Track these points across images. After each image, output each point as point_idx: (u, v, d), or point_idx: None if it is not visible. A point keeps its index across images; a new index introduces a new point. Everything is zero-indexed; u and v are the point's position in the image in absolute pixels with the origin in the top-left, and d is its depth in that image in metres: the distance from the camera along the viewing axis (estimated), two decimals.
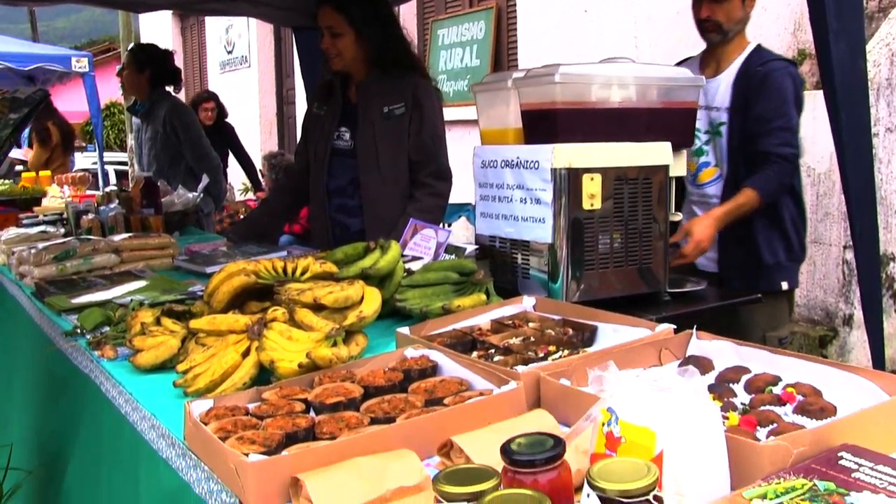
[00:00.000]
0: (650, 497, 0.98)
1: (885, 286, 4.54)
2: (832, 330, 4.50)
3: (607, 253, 2.37)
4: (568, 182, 2.29)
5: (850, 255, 3.99)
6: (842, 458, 1.15)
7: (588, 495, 1.00)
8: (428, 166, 3.18)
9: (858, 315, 4.22)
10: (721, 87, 3.07)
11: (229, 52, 12.47)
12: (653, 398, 1.11)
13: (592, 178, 2.32)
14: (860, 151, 3.18)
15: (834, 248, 4.46)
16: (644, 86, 2.50)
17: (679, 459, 1.08)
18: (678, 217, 2.68)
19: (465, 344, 1.81)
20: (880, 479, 1.08)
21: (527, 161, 2.38)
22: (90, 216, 3.73)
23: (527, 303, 2.05)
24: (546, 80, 2.37)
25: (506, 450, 1.09)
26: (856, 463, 1.13)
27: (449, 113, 5.96)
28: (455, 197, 3.83)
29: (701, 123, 3.02)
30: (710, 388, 1.48)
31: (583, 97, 2.41)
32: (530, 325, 1.89)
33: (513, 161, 2.44)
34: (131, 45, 5.96)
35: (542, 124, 2.43)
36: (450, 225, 6.15)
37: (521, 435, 1.12)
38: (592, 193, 2.33)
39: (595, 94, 2.42)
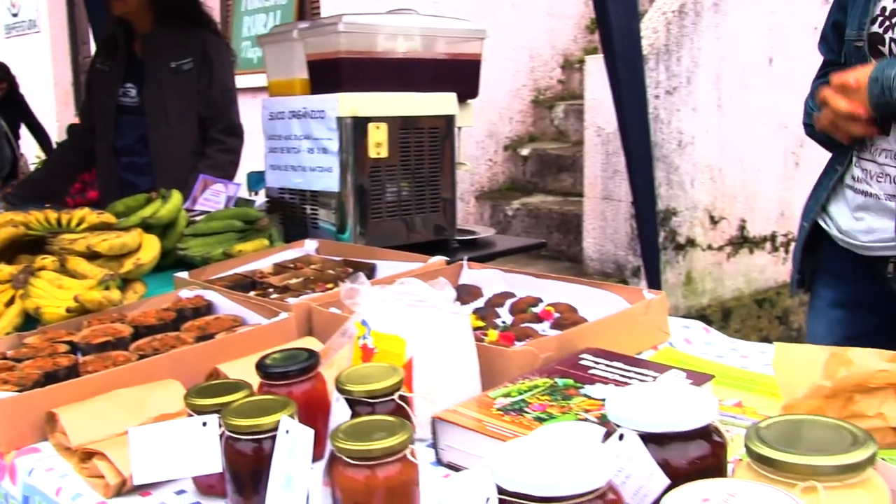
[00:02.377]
0: (395, 397, 1.02)
1: (668, 238, 4.86)
2: (622, 281, 4.77)
3: (395, 201, 2.41)
4: (353, 131, 2.30)
5: None
6: (582, 358, 1.23)
7: (337, 400, 1.03)
8: (218, 122, 3.12)
9: None
10: None
11: (14, 16, 11.61)
12: (403, 308, 1.15)
13: (378, 127, 2.35)
14: (637, 110, 3.40)
15: (623, 203, 4.72)
16: (429, 37, 2.55)
17: (428, 364, 1.12)
18: (467, 166, 2.75)
19: (244, 286, 1.80)
20: (612, 372, 1.17)
21: (313, 111, 2.38)
22: None
23: (309, 246, 2.06)
24: (330, 29, 2.38)
25: (260, 364, 1.10)
26: (594, 362, 1.22)
27: (253, 80, 5.82)
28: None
29: None
30: (477, 311, 1.55)
31: (368, 47, 2.43)
32: (312, 266, 1.90)
33: (299, 111, 2.43)
34: None
35: (328, 74, 2.43)
36: (257, 193, 6.03)
37: (276, 351, 1.13)
38: (378, 142, 2.36)
39: (380, 45, 2.44)
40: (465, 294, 1.64)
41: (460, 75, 2.63)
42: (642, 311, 1.39)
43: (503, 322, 1.49)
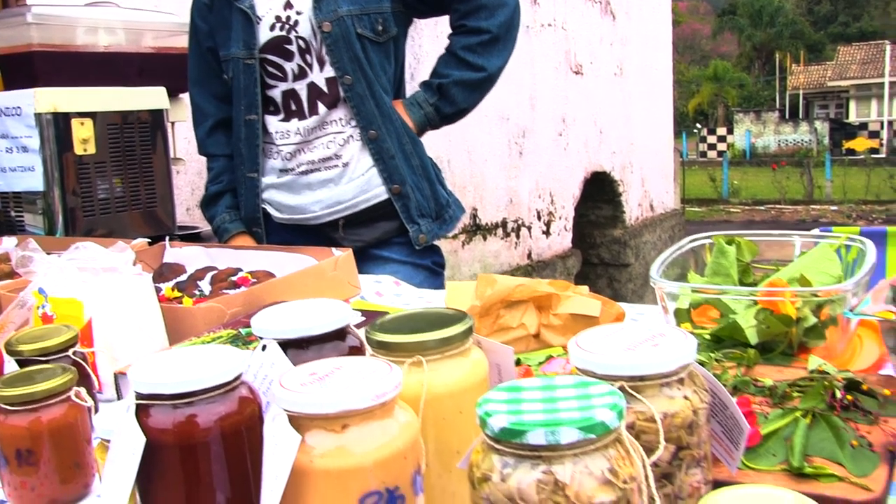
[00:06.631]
0: (70, 353, 1.04)
1: None
2: None
3: (108, 199, 2.36)
4: (55, 127, 2.24)
5: None
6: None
7: (8, 362, 1.03)
8: None
9: None
10: None
11: None
12: (80, 272, 1.16)
13: (83, 123, 2.29)
14: None
15: None
16: (133, 30, 2.52)
17: (108, 324, 1.14)
18: (183, 162, 2.74)
19: None
20: None
21: (7, 108, 2.28)
22: None
23: (8, 243, 1.98)
24: (18, 21, 2.29)
25: None
26: None
27: None
28: None
29: None
30: (178, 285, 1.57)
31: (65, 40, 2.36)
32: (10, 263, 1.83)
33: None
34: None
35: (21, 69, 2.33)
36: None
37: None
38: (85, 138, 2.30)
39: (79, 38, 2.39)
40: (168, 272, 1.65)
41: (169, 69, 2.61)
42: (330, 266, 1.48)
43: (200, 292, 1.53)
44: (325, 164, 2.03)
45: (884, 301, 0.88)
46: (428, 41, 5.04)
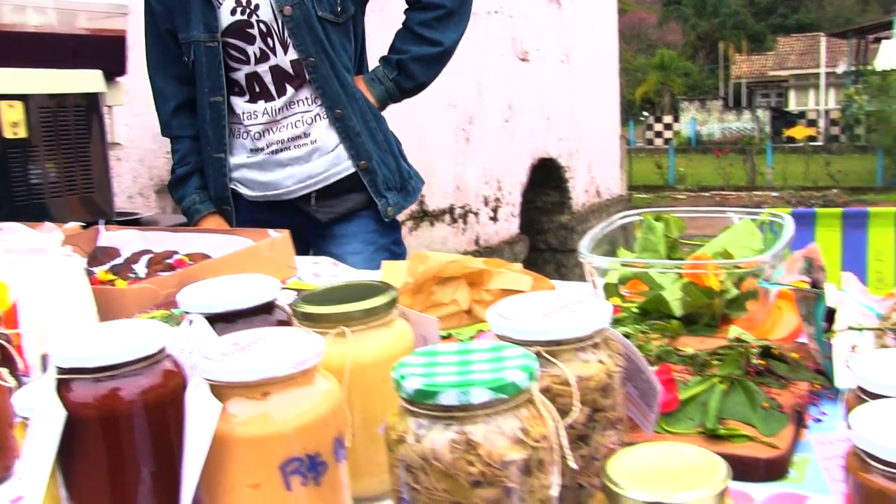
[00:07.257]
0: None
1: None
2: None
3: (41, 183, 2.32)
4: None
5: None
6: None
7: None
8: None
9: None
10: None
11: None
12: (6, 254, 1.14)
13: (13, 106, 2.25)
14: None
15: None
16: (65, 10, 2.48)
17: (36, 306, 1.13)
18: (123, 146, 2.70)
19: None
20: None
21: None
22: None
23: None
24: None
25: None
26: None
27: None
28: None
29: None
30: (112, 268, 1.55)
31: None
32: None
33: None
34: None
35: None
36: None
37: None
38: (15, 121, 2.26)
39: (5, 17, 2.34)
40: (103, 255, 1.63)
41: (104, 52, 2.57)
42: (267, 248, 1.48)
43: (135, 274, 1.52)
44: (295, 142, 2.07)
45: (797, 272, 0.91)
46: (375, 27, 5.02)
